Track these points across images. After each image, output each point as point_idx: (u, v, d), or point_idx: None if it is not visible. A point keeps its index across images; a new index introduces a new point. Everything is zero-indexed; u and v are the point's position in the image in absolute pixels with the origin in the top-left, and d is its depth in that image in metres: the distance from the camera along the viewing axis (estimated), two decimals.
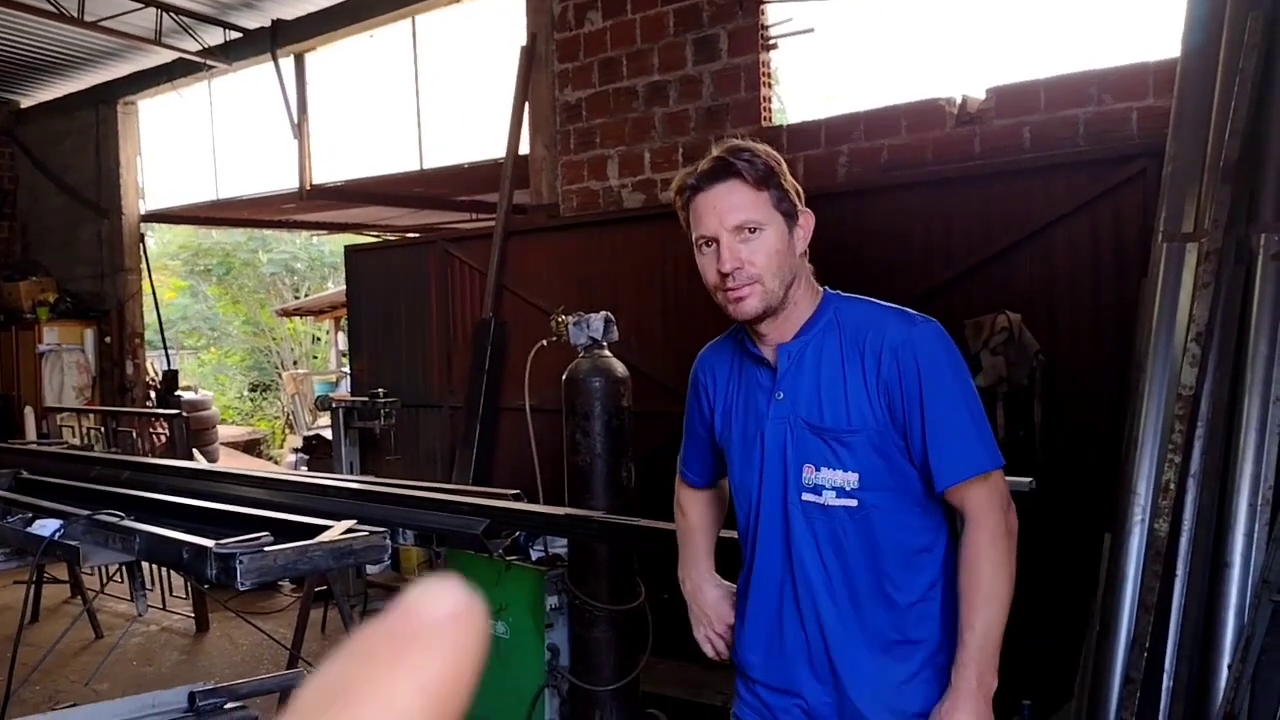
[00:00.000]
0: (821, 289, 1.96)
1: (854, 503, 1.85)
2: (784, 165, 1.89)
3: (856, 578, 1.87)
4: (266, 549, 2.39)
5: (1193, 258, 3.38)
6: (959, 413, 1.83)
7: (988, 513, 1.81)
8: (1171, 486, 3.20)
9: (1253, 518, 3.12)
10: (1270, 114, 3.38)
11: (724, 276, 1.83)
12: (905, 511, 1.87)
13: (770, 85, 5.80)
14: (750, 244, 1.82)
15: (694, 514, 2.27)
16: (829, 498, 1.86)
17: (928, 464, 1.83)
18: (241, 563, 2.34)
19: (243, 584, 2.36)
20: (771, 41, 5.77)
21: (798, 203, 1.89)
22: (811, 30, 5.71)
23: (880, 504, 1.85)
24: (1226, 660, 3.09)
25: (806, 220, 1.90)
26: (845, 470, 1.85)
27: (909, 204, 4.98)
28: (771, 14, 5.76)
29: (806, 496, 1.88)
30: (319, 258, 20.15)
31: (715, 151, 1.87)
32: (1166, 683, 3.15)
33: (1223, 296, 3.28)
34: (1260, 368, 3.20)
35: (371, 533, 2.63)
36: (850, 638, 1.88)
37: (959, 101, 5.02)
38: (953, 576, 1.87)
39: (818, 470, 1.87)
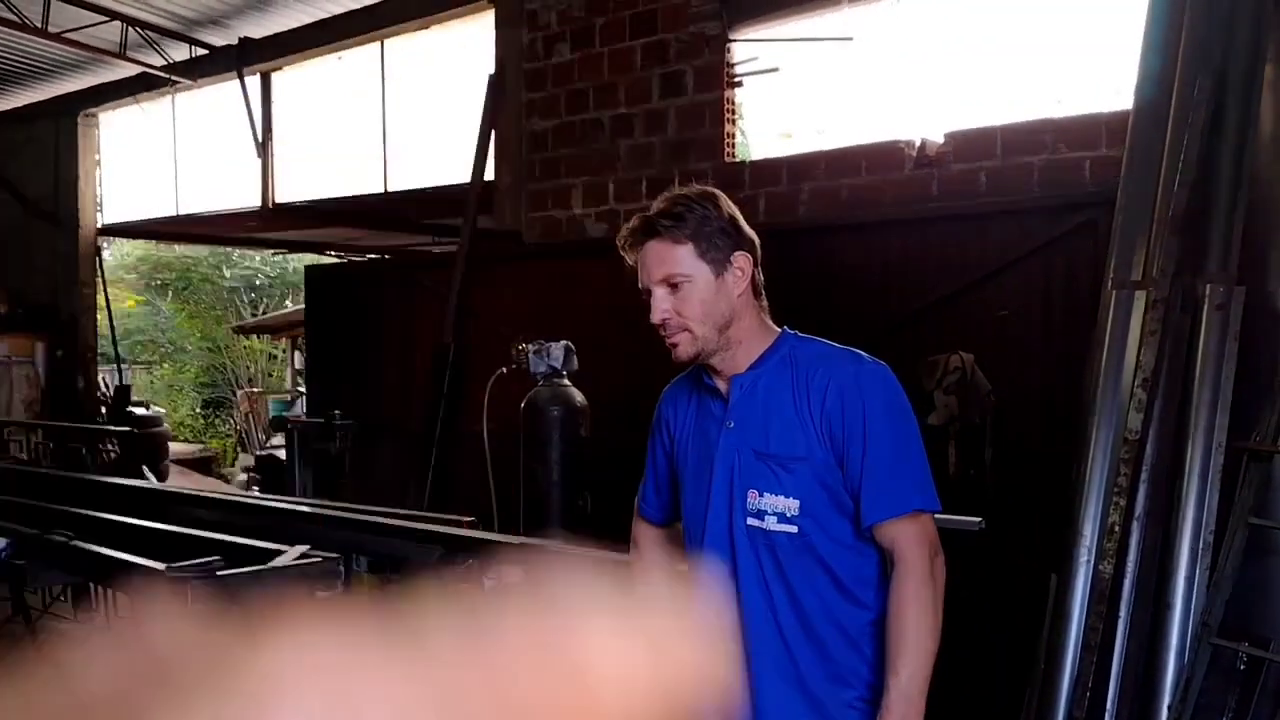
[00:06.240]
0: (780, 328, 2.01)
1: (794, 529, 1.88)
2: (720, 207, 1.93)
3: (805, 603, 1.90)
4: (219, 573, 2.37)
5: (1140, 305, 3.46)
6: (896, 452, 1.87)
7: (916, 559, 1.84)
8: (1116, 529, 3.26)
9: (1194, 561, 3.19)
10: (1218, 167, 3.48)
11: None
12: (847, 543, 1.90)
13: (734, 121, 5.88)
14: (677, 295, 1.91)
15: (648, 553, 2.29)
16: (771, 523, 1.90)
17: (860, 499, 1.87)
18: (193, 587, 2.32)
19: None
20: (736, 79, 5.85)
21: (730, 248, 1.92)
22: (776, 70, 5.80)
23: (820, 532, 1.89)
24: (1167, 700, 3.14)
25: (743, 260, 1.93)
26: (787, 496, 1.89)
27: (867, 243, 5.05)
28: (737, 52, 5.85)
29: (750, 521, 1.92)
30: (282, 275, 19.97)
31: (648, 208, 1.96)
32: None
33: (1169, 344, 3.36)
34: (1204, 414, 3.27)
35: (325, 558, 2.62)
36: (796, 661, 1.91)
37: (918, 145, 5.12)
38: None
39: (761, 495, 1.91)
